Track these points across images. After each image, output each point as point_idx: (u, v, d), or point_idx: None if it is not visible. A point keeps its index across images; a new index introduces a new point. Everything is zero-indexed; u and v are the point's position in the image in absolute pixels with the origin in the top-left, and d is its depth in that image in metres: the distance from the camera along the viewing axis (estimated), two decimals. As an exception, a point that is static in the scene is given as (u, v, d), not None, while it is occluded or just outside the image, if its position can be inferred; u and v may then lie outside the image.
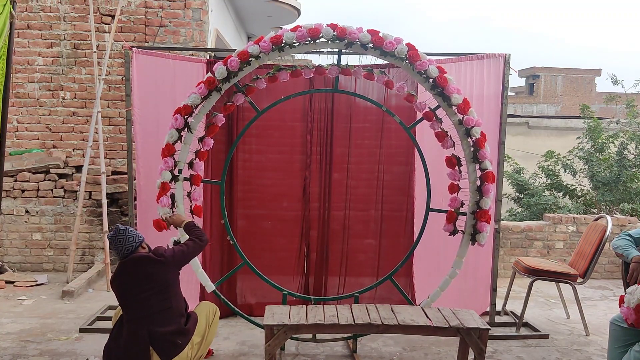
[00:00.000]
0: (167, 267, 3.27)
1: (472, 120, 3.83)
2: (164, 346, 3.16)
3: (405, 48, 3.74)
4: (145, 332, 3.14)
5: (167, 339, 3.18)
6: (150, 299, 3.19)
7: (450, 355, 4.09)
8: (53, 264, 6.42)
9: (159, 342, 3.15)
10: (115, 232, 3.28)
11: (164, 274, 3.25)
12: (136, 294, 3.19)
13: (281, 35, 3.73)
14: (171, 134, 3.84)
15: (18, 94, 6.73)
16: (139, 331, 3.15)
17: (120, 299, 3.27)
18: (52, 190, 6.42)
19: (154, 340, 3.14)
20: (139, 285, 3.20)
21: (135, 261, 3.24)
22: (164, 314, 3.21)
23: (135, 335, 3.15)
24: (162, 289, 3.23)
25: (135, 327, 3.17)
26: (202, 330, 3.41)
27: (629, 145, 8.85)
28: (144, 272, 3.21)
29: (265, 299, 4.71)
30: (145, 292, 3.19)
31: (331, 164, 4.89)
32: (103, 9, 6.72)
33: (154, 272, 3.22)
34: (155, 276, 3.22)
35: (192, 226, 3.61)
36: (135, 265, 3.23)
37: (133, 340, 3.15)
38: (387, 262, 4.85)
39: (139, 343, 3.13)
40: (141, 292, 3.19)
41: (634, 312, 2.78)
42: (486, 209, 3.91)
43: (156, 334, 3.15)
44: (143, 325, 3.16)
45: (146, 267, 3.22)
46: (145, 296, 3.18)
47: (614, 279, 6.62)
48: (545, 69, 29.74)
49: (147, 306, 3.18)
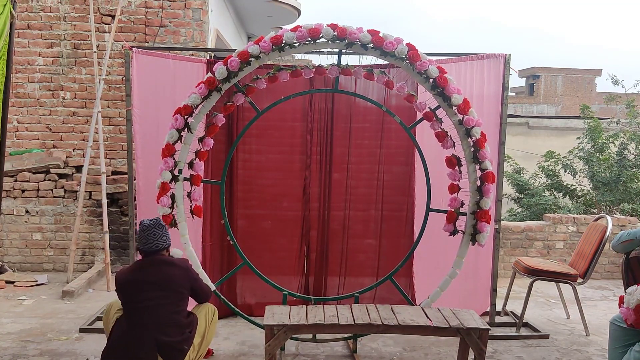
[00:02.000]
0: (187, 279, 3.20)
1: (472, 120, 3.83)
2: (171, 353, 3.11)
3: (406, 48, 3.74)
4: (153, 341, 3.05)
5: (175, 347, 3.13)
6: (162, 306, 3.09)
7: (450, 355, 4.09)
8: (53, 264, 6.43)
9: (167, 350, 3.09)
10: (155, 223, 3.18)
11: (181, 282, 3.17)
12: (148, 298, 3.07)
13: (281, 36, 3.73)
14: (171, 134, 3.84)
15: (18, 94, 6.74)
16: (144, 339, 3.05)
17: (129, 300, 3.13)
18: (52, 190, 6.42)
19: (162, 349, 3.07)
20: (153, 287, 3.09)
21: (155, 261, 3.14)
22: (173, 325, 3.14)
23: (140, 342, 3.05)
24: (175, 298, 3.15)
25: (141, 334, 3.06)
26: (201, 330, 3.40)
27: (629, 146, 8.84)
28: (163, 274, 3.11)
29: (265, 299, 4.71)
30: (159, 297, 3.08)
31: (331, 164, 4.89)
32: (103, 9, 6.72)
33: (173, 275, 3.13)
34: (174, 280, 3.13)
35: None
36: (155, 265, 3.14)
37: (138, 347, 3.05)
38: (387, 262, 4.85)
39: (145, 350, 3.04)
40: (154, 296, 3.07)
41: (633, 312, 2.78)
42: (486, 209, 3.91)
43: (164, 343, 3.08)
44: (150, 333, 3.05)
45: (167, 269, 3.13)
46: (157, 302, 3.08)
47: (614, 279, 6.62)
48: (545, 69, 29.76)
49: (156, 315, 3.08)
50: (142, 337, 3.07)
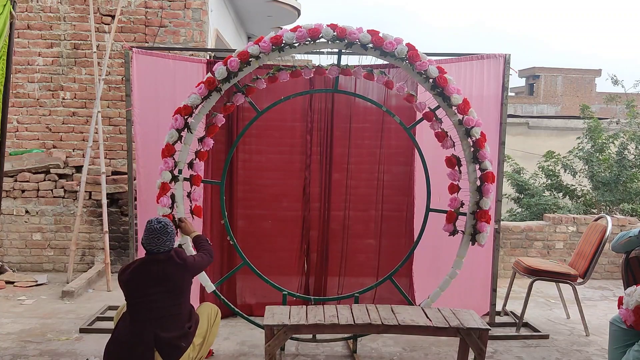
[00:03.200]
0: (185, 272, 3.24)
1: (472, 120, 3.83)
2: (168, 350, 3.14)
3: (405, 48, 3.74)
4: (151, 336, 3.09)
5: (172, 343, 3.15)
6: (160, 300, 3.14)
7: (450, 355, 4.09)
8: (53, 264, 6.42)
9: (164, 346, 3.12)
10: (162, 229, 3.19)
11: (180, 278, 3.22)
12: (148, 294, 3.13)
13: (281, 36, 3.73)
14: (171, 134, 3.84)
15: (18, 94, 6.73)
16: (144, 334, 3.10)
17: (130, 296, 3.20)
18: (52, 191, 6.42)
19: (159, 344, 3.11)
20: (152, 283, 3.14)
21: (156, 260, 3.19)
22: (172, 320, 3.18)
23: (140, 336, 3.10)
24: (174, 293, 3.19)
25: (141, 328, 3.12)
26: (203, 331, 3.40)
27: (629, 146, 8.84)
28: (162, 272, 3.16)
29: (265, 299, 4.71)
30: (158, 293, 3.14)
31: (331, 164, 4.89)
32: (103, 9, 6.72)
33: (171, 272, 3.18)
34: (172, 278, 3.18)
35: (202, 240, 3.61)
36: (156, 264, 3.17)
37: (137, 341, 3.11)
38: (387, 262, 4.85)
39: (144, 345, 3.09)
40: (154, 292, 3.13)
41: (632, 313, 2.78)
42: (486, 209, 3.91)
43: (162, 339, 3.11)
44: (150, 328, 3.11)
45: (165, 267, 3.17)
46: (156, 297, 3.14)
47: (614, 279, 6.62)
48: (545, 69, 29.80)
49: (156, 308, 3.14)
50: (141, 332, 3.11)
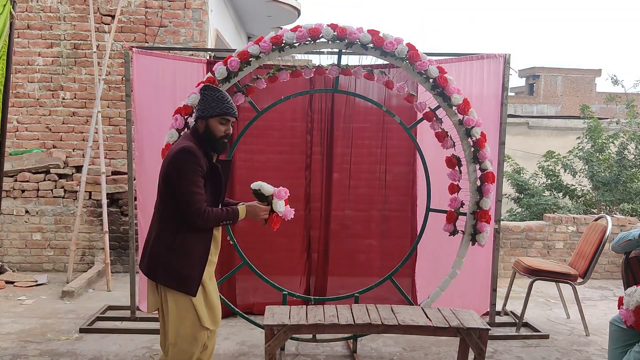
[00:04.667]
0: (164, 165, 2.69)
1: (472, 120, 3.84)
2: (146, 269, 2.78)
3: (406, 48, 3.74)
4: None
5: (146, 263, 2.78)
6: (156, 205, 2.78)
7: (450, 355, 4.09)
8: (53, 264, 6.42)
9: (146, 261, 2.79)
10: (204, 87, 2.83)
11: (161, 174, 2.73)
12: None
13: (281, 36, 3.73)
14: (171, 134, 3.84)
15: (18, 94, 6.74)
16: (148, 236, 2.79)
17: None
18: (52, 190, 6.42)
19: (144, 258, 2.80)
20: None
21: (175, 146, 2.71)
22: (153, 232, 2.79)
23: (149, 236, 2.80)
24: (158, 198, 2.77)
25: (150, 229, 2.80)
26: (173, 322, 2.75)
27: (629, 146, 8.84)
28: (166, 159, 2.71)
29: (265, 299, 4.71)
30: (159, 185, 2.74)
31: (331, 164, 4.89)
32: (103, 9, 6.72)
33: (163, 163, 2.72)
34: (161, 171, 2.71)
35: (232, 205, 3.07)
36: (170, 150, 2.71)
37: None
38: (387, 262, 4.85)
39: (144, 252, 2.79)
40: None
41: (632, 314, 2.78)
42: (486, 209, 3.91)
43: (146, 254, 2.80)
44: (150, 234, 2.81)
45: (168, 155, 2.68)
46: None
47: (614, 279, 6.62)
48: (545, 69, 29.81)
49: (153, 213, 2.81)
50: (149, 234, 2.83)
